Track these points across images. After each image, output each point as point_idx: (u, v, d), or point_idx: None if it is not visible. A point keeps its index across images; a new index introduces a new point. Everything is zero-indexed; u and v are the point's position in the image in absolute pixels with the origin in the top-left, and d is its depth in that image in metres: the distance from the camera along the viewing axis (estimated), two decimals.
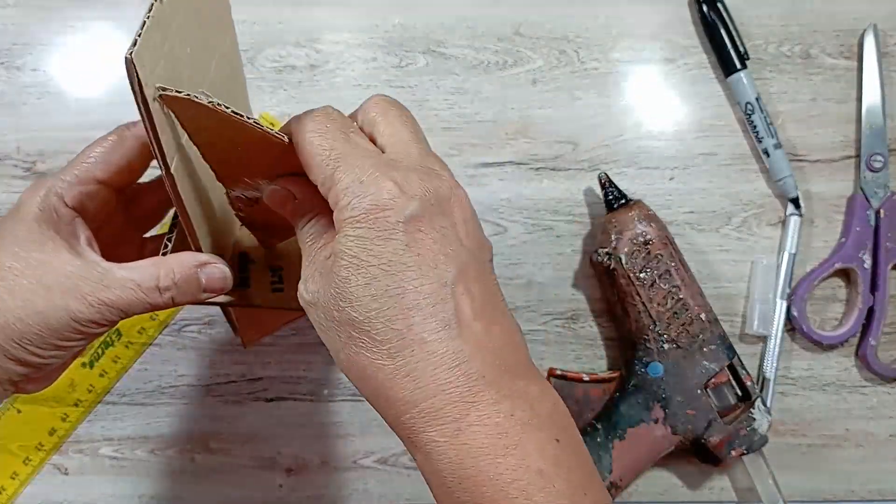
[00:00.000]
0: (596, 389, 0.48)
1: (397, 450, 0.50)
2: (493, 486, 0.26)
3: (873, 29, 0.51)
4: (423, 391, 0.26)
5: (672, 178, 0.52)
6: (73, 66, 0.51)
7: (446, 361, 0.26)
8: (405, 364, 0.27)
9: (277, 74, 0.51)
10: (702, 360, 0.47)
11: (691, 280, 0.47)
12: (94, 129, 0.50)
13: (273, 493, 0.50)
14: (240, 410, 0.50)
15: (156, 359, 0.50)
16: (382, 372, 0.27)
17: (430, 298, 0.27)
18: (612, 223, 0.47)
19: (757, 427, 0.47)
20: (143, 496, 0.50)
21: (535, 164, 0.51)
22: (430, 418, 0.26)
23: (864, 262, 0.50)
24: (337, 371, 0.50)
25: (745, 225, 0.51)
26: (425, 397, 0.26)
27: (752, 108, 0.50)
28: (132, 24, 0.51)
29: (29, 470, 0.49)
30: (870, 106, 0.51)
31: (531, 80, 0.52)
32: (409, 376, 0.27)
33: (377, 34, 0.52)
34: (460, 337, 0.27)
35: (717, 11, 0.51)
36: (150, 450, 0.50)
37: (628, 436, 0.46)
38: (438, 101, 0.51)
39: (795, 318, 0.50)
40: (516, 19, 0.52)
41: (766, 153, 0.51)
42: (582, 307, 0.51)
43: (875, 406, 0.51)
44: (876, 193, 0.51)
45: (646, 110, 0.52)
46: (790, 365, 0.51)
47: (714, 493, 0.51)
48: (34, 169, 0.50)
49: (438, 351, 0.26)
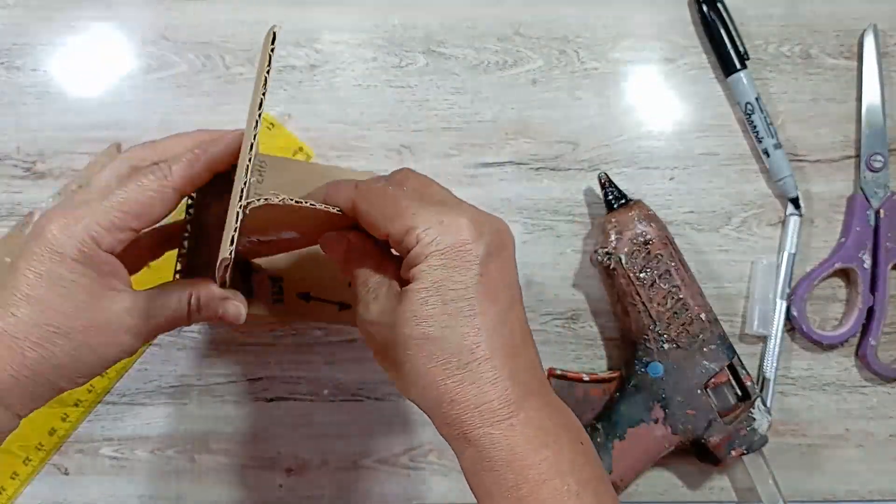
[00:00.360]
0: (596, 389, 0.48)
1: (397, 450, 0.50)
2: (536, 470, 0.31)
3: (873, 29, 0.51)
4: (485, 396, 0.32)
5: (672, 178, 0.52)
6: (73, 66, 0.51)
7: (505, 374, 0.32)
8: (471, 374, 0.32)
9: (277, 74, 0.51)
10: (702, 360, 0.47)
11: (691, 280, 0.47)
12: (94, 129, 0.51)
13: (273, 493, 0.50)
14: (240, 410, 0.50)
15: (156, 359, 0.50)
16: (452, 380, 0.32)
17: (493, 321, 0.32)
18: (612, 223, 0.47)
19: (757, 427, 0.47)
20: (143, 496, 0.50)
21: (535, 164, 0.51)
22: (488, 417, 0.32)
23: (863, 262, 0.50)
24: (337, 371, 0.50)
25: (745, 225, 0.51)
26: (487, 401, 0.32)
27: (752, 108, 0.50)
28: (132, 24, 0.51)
29: (29, 470, 0.49)
30: (870, 106, 0.51)
31: (531, 80, 0.52)
32: (475, 384, 0.32)
33: (377, 34, 0.52)
34: (514, 355, 0.33)
35: (717, 11, 0.51)
36: (150, 450, 0.50)
37: (628, 436, 0.46)
38: (438, 101, 0.51)
39: (795, 318, 0.50)
40: (516, 19, 0.52)
41: (766, 153, 0.51)
42: (582, 307, 0.51)
43: (875, 406, 0.51)
44: (876, 193, 0.51)
45: (646, 110, 0.52)
46: (790, 365, 0.51)
47: (714, 493, 0.51)
48: (34, 169, 0.50)
49: (498, 365, 0.32)
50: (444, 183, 0.35)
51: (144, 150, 0.37)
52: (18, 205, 0.50)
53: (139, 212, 0.34)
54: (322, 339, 0.50)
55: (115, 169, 0.36)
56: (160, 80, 0.51)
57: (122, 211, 0.34)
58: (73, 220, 0.33)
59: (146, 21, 0.51)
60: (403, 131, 0.51)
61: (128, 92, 0.51)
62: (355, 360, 0.50)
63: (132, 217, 0.34)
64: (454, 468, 0.50)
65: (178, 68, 0.51)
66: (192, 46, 0.51)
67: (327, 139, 0.51)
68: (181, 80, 0.51)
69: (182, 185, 0.35)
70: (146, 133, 0.50)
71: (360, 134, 0.51)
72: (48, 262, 0.33)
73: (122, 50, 0.51)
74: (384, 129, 0.51)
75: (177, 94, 0.51)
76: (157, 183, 0.34)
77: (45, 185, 0.50)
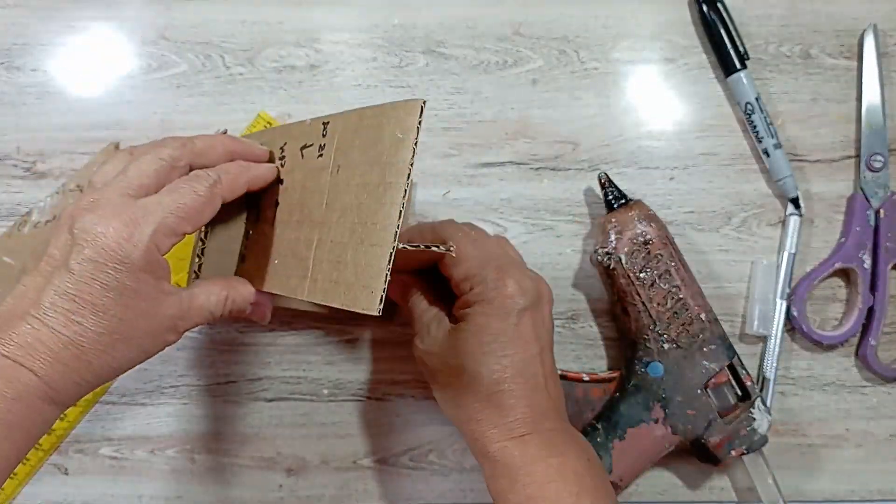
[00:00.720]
0: (596, 389, 0.48)
1: (397, 450, 0.50)
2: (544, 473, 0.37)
3: (873, 29, 0.51)
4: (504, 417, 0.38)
5: (672, 178, 0.52)
6: (73, 66, 0.51)
7: (524, 402, 0.38)
8: (495, 400, 0.38)
9: (277, 74, 0.51)
10: (702, 360, 0.47)
11: (691, 280, 0.47)
12: (94, 129, 0.51)
13: (273, 493, 0.50)
14: (240, 410, 0.50)
15: (156, 359, 0.49)
16: (479, 403, 0.38)
17: (525, 363, 0.39)
18: (612, 223, 0.47)
19: (757, 427, 0.47)
20: (143, 496, 0.50)
21: (535, 164, 0.51)
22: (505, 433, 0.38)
23: (863, 261, 0.50)
24: (337, 371, 0.50)
25: (744, 225, 0.51)
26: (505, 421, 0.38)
27: (752, 108, 0.50)
28: (132, 24, 0.51)
29: (27, 469, 0.49)
30: (870, 106, 0.51)
31: (531, 80, 0.52)
32: (498, 408, 0.38)
33: (377, 34, 0.52)
34: (535, 390, 0.39)
35: (717, 11, 0.51)
36: (150, 450, 0.50)
37: (628, 436, 0.46)
38: (438, 101, 0.51)
39: (795, 318, 0.50)
40: (516, 19, 0.52)
41: (766, 153, 0.51)
42: (582, 307, 0.51)
43: (875, 406, 0.51)
44: (876, 193, 0.51)
45: (646, 110, 0.52)
46: (790, 365, 0.51)
47: (714, 493, 0.51)
48: (34, 169, 0.50)
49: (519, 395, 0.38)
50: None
51: (179, 148, 0.36)
52: (18, 205, 0.50)
53: (192, 216, 0.34)
54: (322, 339, 0.50)
55: (150, 165, 0.35)
56: (160, 80, 0.51)
57: (178, 216, 0.34)
58: (133, 227, 0.33)
59: (146, 21, 0.51)
60: None
61: (128, 92, 0.51)
62: (355, 360, 0.50)
63: (186, 221, 0.34)
64: (454, 468, 0.50)
65: (178, 68, 0.51)
66: (192, 46, 0.51)
67: None
68: (181, 80, 0.51)
69: (228, 195, 0.36)
70: (146, 133, 0.50)
71: None
72: (113, 272, 0.32)
73: (122, 50, 0.51)
74: None
75: (177, 94, 0.51)
76: (208, 189, 0.35)
77: (45, 185, 0.50)
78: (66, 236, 0.33)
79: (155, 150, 0.36)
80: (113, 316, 0.32)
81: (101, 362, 0.33)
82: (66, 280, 0.32)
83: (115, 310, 0.32)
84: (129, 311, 0.33)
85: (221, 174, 0.36)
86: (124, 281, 0.32)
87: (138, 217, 0.33)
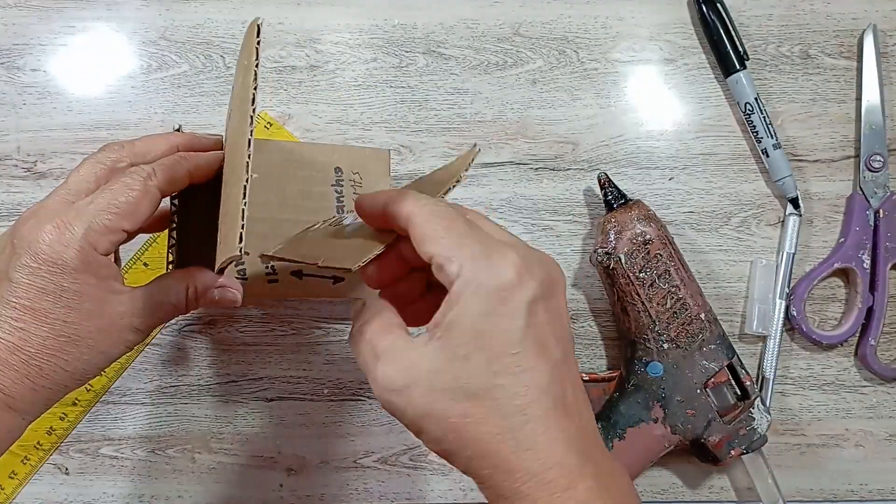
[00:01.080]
0: (596, 389, 0.48)
1: (397, 449, 0.50)
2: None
3: (873, 29, 0.51)
4: (542, 463, 0.28)
5: (672, 178, 0.52)
6: (73, 66, 0.51)
7: (561, 437, 0.29)
8: (526, 439, 0.28)
9: (277, 75, 0.51)
10: (701, 360, 0.47)
11: (691, 280, 0.47)
12: (94, 129, 0.51)
13: (273, 493, 0.50)
14: (240, 410, 0.50)
15: (156, 359, 0.50)
16: (506, 446, 0.28)
17: (545, 377, 0.29)
18: (612, 223, 0.47)
19: (756, 427, 0.47)
20: (143, 496, 0.50)
21: (535, 164, 0.51)
22: (548, 487, 0.28)
23: (863, 261, 0.50)
24: (337, 371, 0.50)
25: (744, 225, 0.51)
26: (545, 469, 0.28)
27: (752, 108, 0.50)
28: (132, 24, 0.51)
29: (27, 469, 0.49)
30: (869, 106, 0.51)
31: (531, 80, 0.52)
32: (531, 451, 0.28)
33: (377, 34, 0.52)
34: (567, 415, 0.29)
35: (717, 11, 0.51)
36: (150, 450, 0.50)
37: (628, 435, 0.46)
38: (438, 101, 0.51)
39: (795, 317, 0.50)
40: (516, 19, 0.52)
41: (766, 153, 0.51)
42: (582, 307, 0.51)
43: (874, 406, 0.51)
44: (875, 193, 0.51)
45: (646, 110, 0.52)
46: (789, 365, 0.51)
47: (714, 493, 0.51)
48: (34, 169, 0.50)
49: (553, 427, 0.29)
50: None
51: (118, 150, 0.37)
52: (19, 205, 0.50)
53: (128, 212, 0.34)
54: (322, 339, 0.50)
55: (89, 169, 0.35)
56: (160, 80, 0.51)
57: (111, 213, 0.34)
58: (64, 228, 0.33)
59: (146, 21, 0.51)
60: (403, 131, 0.51)
61: (128, 92, 0.51)
62: (355, 359, 0.50)
63: (122, 218, 0.34)
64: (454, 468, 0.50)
65: (178, 68, 0.51)
66: (192, 46, 0.51)
67: (327, 139, 0.51)
68: (181, 80, 0.51)
69: (166, 187, 0.36)
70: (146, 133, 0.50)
71: (360, 134, 0.51)
72: (48, 275, 0.33)
73: (122, 50, 0.51)
74: (384, 130, 0.51)
75: (177, 94, 0.51)
76: (142, 183, 0.34)
77: (46, 185, 0.50)
78: (10, 247, 0.34)
79: (94, 156, 0.36)
80: (55, 319, 0.33)
81: (52, 365, 0.33)
82: (6, 289, 0.33)
83: (57, 312, 0.33)
84: (73, 312, 0.33)
85: (156, 167, 0.36)
86: (61, 283, 0.33)
87: (70, 219, 0.33)
